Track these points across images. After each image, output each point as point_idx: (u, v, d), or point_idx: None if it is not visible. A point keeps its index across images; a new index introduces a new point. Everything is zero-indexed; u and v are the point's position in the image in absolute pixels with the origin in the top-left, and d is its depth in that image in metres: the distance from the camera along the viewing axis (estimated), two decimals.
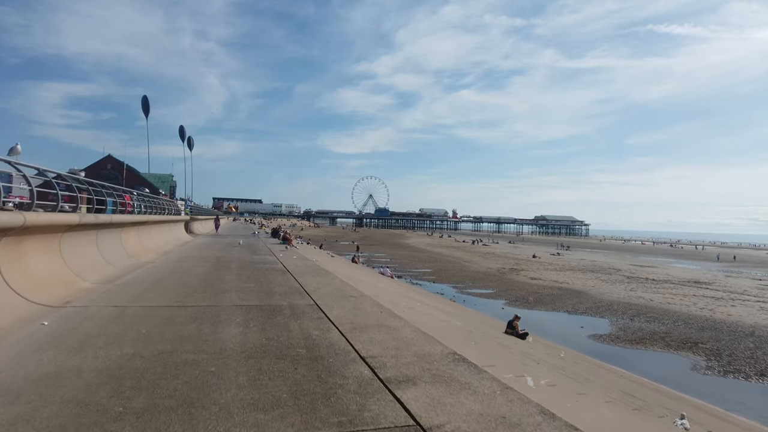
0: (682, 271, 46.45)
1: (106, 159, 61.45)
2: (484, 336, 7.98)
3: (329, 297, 7.55)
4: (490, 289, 29.68)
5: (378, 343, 4.72)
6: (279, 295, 7.66)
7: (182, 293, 7.50)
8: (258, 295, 7.55)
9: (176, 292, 7.56)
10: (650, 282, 35.13)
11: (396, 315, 6.37)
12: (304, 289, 8.33)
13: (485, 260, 50.01)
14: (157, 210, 19.95)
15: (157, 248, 16.60)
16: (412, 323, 5.96)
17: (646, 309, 24.04)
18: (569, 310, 23.98)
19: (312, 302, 6.99)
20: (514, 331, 11.96)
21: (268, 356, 4.19)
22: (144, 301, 6.74)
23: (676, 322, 21.17)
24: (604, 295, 28.42)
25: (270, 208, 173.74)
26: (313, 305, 6.77)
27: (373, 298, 7.94)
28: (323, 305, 6.73)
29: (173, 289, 7.84)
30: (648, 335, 19.01)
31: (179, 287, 8.14)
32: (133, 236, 13.96)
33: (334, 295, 7.75)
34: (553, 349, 11.52)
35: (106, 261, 10.12)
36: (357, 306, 6.84)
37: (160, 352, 4.16)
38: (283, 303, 6.87)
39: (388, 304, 7.59)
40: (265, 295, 7.60)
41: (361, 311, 6.44)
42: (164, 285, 8.35)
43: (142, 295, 7.17)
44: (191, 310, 6.15)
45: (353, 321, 5.76)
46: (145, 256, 13.63)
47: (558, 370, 6.89)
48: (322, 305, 6.73)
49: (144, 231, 15.89)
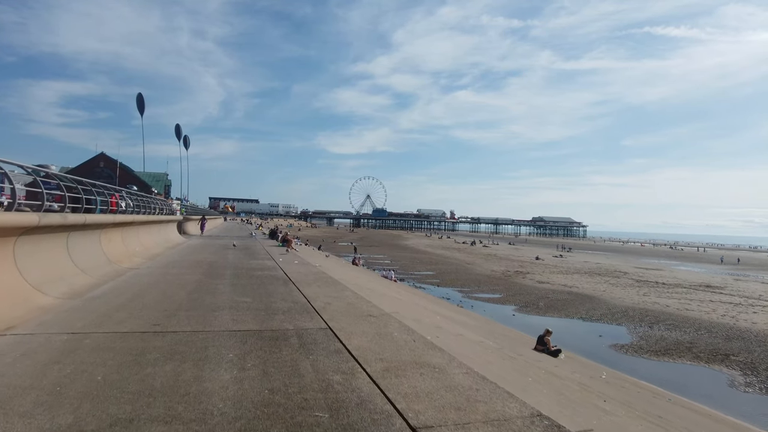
0: (689, 274, 45.37)
1: (98, 157, 59.71)
2: (527, 363, 6.66)
3: (343, 316, 6.16)
4: (497, 293, 28.42)
5: (427, 398, 3.35)
6: (282, 314, 6.26)
7: (163, 312, 6.09)
8: (256, 314, 6.15)
9: (156, 310, 6.15)
10: (661, 286, 34.00)
11: (433, 345, 5.00)
12: (312, 304, 6.94)
13: (488, 262, 48.76)
14: (147, 209, 18.47)
15: (144, 251, 15.13)
16: (456, 356, 4.59)
17: (663, 316, 22.85)
18: (583, 317, 22.76)
19: (324, 325, 5.61)
20: (545, 347, 10.62)
21: (276, 426, 2.82)
22: (112, 324, 5.33)
23: (699, 331, 19.98)
24: (616, 300, 27.22)
25: (267, 208, 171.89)
26: (325, 330, 5.38)
27: (395, 315, 6.58)
28: (339, 330, 5.35)
29: (153, 306, 6.42)
30: (673, 345, 17.79)
31: (161, 303, 6.73)
32: (116, 238, 12.50)
33: (349, 314, 6.36)
34: (590, 368, 10.22)
35: (79, 269, 8.69)
36: (381, 331, 5.46)
37: (112, 423, 2.77)
38: (289, 327, 5.48)
39: (415, 325, 6.24)
40: (266, 314, 6.20)
41: (388, 339, 5.06)
42: (144, 299, 6.94)
43: (113, 315, 5.76)
44: (171, 339, 4.76)
45: (383, 356, 4.38)
46: (128, 262, 12.17)
47: (627, 408, 5.58)
48: (337, 330, 5.35)
49: (130, 232, 14.42)
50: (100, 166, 56.96)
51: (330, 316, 6.06)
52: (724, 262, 63.35)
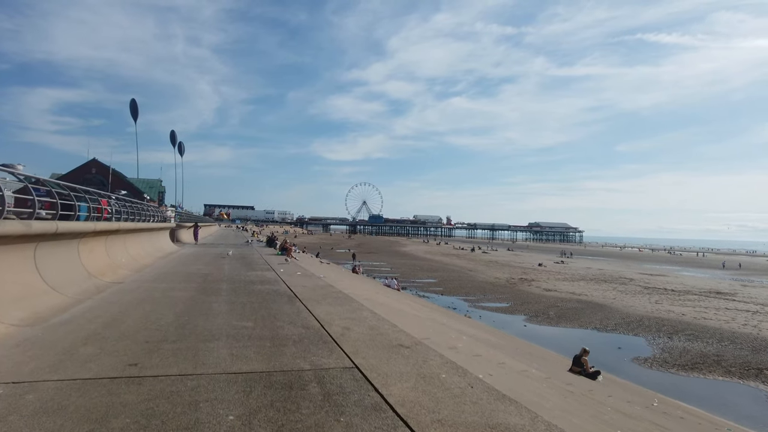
0: (695, 280, 44.50)
1: (90, 163, 58.17)
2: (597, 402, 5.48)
3: (369, 348, 4.94)
4: (504, 302, 27.27)
5: None
6: (293, 344, 5.01)
7: (144, 343, 4.84)
8: (261, 346, 4.90)
9: (135, 342, 4.90)
10: (670, 293, 33.05)
11: (496, 392, 3.79)
12: (327, 330, 5.70)
13: (490, 269, 47.65)
14: (136, 216, 17.14)
15: (132, 262, 13.80)
16: (535, 411, 3.40)
17: (681, 325, 21.81)
18: (597, 327, 21.66)
19: (348, 362, 4.38)
20: (582, 369, 9.43)
21: None
22: (74, 365, 4.08)
23: (722, 342, 18.93)
24: (629, 308, 26.17)
25: (262, 215, 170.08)
26: (352, 370, 4.15)
27: (428, 344, 5.38)
28: (369, 370, 4.13)
29: (132, 335, 5.17)
30: (698, 358, 16.70)
31: (143, 329, 5.47)
32: (98, 249, 11.19)
33: (375, 344, 5.14)
34: (637, 393, 9.04)
35: (49, 286, 7.40)
36: (423, 371, 4.24)
37: None
38: (304, 366, 4.25)
39: (455, 355, 5.06)
40: (272, 345, 4.96)
41: (437, 385, 3.85)
42: (122, 325, 5.67)
43: (78, 351, 4.50)
44: (149, 390, 3.52)
45: (440, 415, 3.18)
46: (112, 275, 10.86)
47: None
48: (367, 370, 4.13)
49: (115, 242, 13.11)
50: (92, 172, 55.49)
51: (353, 348, 4.83)
52: (726, 267, 62.73)
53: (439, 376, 4.09)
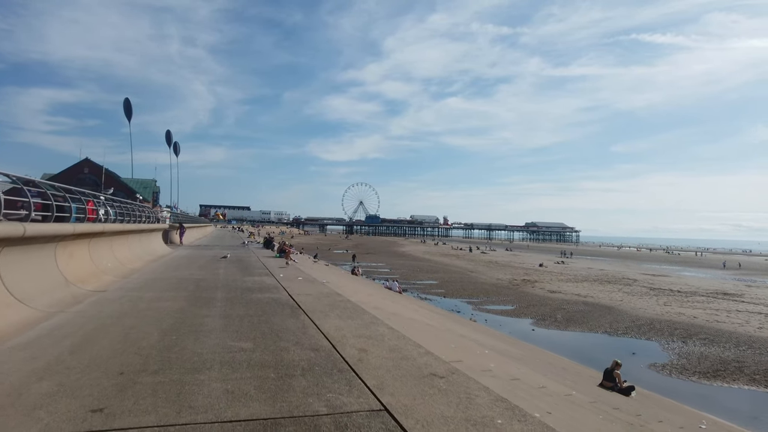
0: (699, 280, 43.97)
1: (83, 163, 56.99)
2: None
3: (396, 379, 4.00)
4: (509, 304, 26.48)
5: None
6: (302, 375, 4.07)
7: (117, 377, 3.88)
8: (263, 377, 3.95)
9: (105, 374, 3.94)
10: (677, 294, 32.41)
11: None
12: (340, 353, 4.77)
13: (491, 270, 46.90)
14: (125, 217, 16.12)
15: (119, 267, 12.79)
16: None
17: (694, 328, 21.08)
18: (608, 331, 20.90)
19: (375, 403, 3.45)
20: (615, 384, 8.56)
21: None
22: (20, 411, 3.12)
23: (740, 346, 18.21)
24: (637, 310, 25.45)
25: (258, 216, 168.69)
26: (381, 414, 3.23)
27: (466, 372, 4.46)
28: (402, 414, 3.21)
29: (104, 363, 4.21)
30: (719, 365, 15.93)
31: (119, 355, 4.51)
32: (79, 253, 10.18)
33: (402, 372, 4.21)
34: (679, 413, 8.20)
35: (15, 297, 6.41)
36: (470, 413, 3.31)
37: None
38: (319, 408, 3.31)
39: (496, 383, 4.15)
40: (277, 376, 4.01)
41: None
42: (93, 348, 4.71)
43: (29, 389, 3.54)
44: None
45: None
46: (95, 282, 9.85)
47: None
48: (400, 415, 3.20)
49: (100, 244, 12.10)
50: (85, 172, 54.35)
51: (377, 380, 3.89)
52: (726, 267, 62.43)
53: (494, 421, 3.17)
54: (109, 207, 14.75)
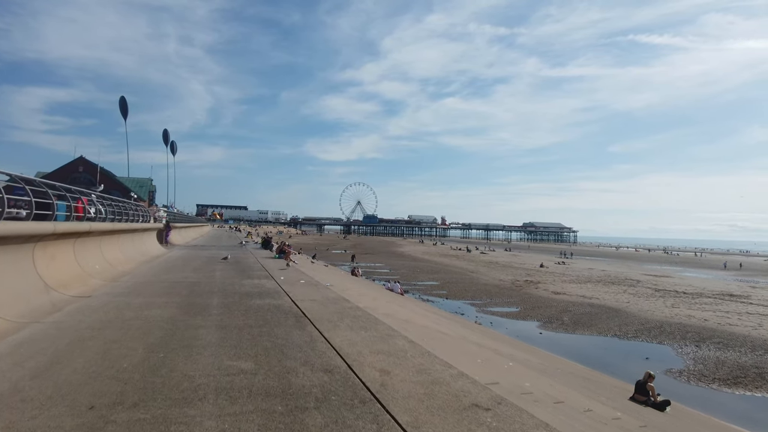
0: (702, 281, 43.43)
1: (77, 161, 55.88)
2: None
3: (433, 414, 3.24)
4: (513, 306, 25.78)
5: None
6: (315, 407, 3.30)
7: (85, 413, 3.11)
8: (269, 414, 3.15)
9: (71, 409, 3.17)
10: (682, 295, 31.78)
11: None
12: (358, 375, 4.01)
13: (492, 270, 46.21)
14: (117, 216, 15.27)
15: (108, 270, 11.97)
16: None
17: (706, 332, 20.42)
18: (618, 334, 20.22)
19: None
20: (648, 397, 7.85)
21: None
22: None
23: (756, 351, 17.55)
24: (645, 313, 24.79)
25: (256, 215, 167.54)
26: None
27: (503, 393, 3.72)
28: None
29: (72, 394, 3.43)
30: (738, 371, 15.24)
31: (92, 381, 3.73)
32: (63, 255, 9.37)
33: (438, 405, 3.44)
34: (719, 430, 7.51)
35: None
36: None
37: None
38: None
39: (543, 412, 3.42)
40: (285, 410, 3.23)
41: None
42: (63, 372, 3.93)
43: None
44: None
45: None
46: (79, 286, 9.05)
47: None
48: None
49: (88, 245, 11.28)
50: (79, 171, 53.31)
51: (410, 416, 3.13)
52: (727, 268, 62.09)
53: None
54: (99, 205, 13.92)
